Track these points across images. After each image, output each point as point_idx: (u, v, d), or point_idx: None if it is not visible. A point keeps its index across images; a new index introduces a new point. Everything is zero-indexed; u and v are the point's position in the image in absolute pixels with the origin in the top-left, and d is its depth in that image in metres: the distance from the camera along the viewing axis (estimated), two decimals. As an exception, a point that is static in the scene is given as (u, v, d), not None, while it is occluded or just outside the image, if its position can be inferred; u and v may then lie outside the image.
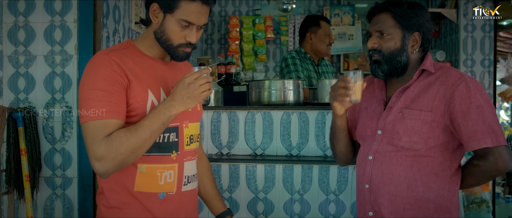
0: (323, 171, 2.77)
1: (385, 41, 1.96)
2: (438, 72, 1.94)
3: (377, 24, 1.97)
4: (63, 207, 2.75)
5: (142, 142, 1.65)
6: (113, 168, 1.64)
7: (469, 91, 1.84)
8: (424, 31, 1.96)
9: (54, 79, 2.73)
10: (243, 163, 2.79)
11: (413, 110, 1.91)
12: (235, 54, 6.16)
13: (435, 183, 1.90)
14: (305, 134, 2.87)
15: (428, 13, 1.99)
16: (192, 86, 1.68)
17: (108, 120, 1.63)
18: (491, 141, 1.80)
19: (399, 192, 1.92)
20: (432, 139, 1.88)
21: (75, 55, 2.72)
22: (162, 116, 1.68)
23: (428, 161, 1.91)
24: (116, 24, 3.04)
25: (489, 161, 1.82)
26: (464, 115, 1.83)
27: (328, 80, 3.09)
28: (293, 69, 3.68)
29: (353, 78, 1.91)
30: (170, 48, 1.77)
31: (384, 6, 1.97)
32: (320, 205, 2.78)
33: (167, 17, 1.74)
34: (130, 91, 1.70)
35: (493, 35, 5.26)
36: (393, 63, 1.96)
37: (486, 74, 5.26)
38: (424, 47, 1.99)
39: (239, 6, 6.41)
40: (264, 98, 3.02)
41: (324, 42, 3.83)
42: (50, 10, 2.73)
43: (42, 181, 2.77)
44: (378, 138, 1.99)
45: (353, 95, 1.92)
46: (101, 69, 1.67)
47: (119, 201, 1.76)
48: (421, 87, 1.94)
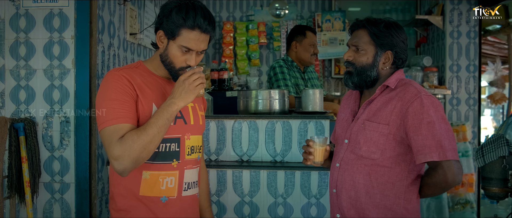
0: (305, 176, 2.91)
1: (359, 56, 2.10)
2: (399, 88, 2.06)
3: (354, 39, 2.12)
4: (61, 210, 2.88)
5: (151, 138, 1.83)
6: (130, 165, 1.82)
7: (423, 108, 1.94)
8: (397, 50, 2.08)
9: (53, 91, 2.86)
10: (230, 169, 2.95)
11: (373, 123, 2.03)
12: (229, 59, 6.27)
13: (391, 191, 2.02)
14: (288, 142, 3.03)
15: (404, 34, 2.11)
16: (187, 81, 1.88)
17: (121, 124, 1.83)
18: (438, 155, 1.91)
19: (359, 197, 2.05)
20: (388, 150, 2.01)
21: (72, 69, 2.86)
22: (165, 113, 1.86)
23: (384, 170, 2.02)
24: (111, 39, 3.18)
25: (439, 173, 1.93)
26: (415, 130, 1.94)
27: (311, 90, 3.23)
28: (281, 78, 3.81)
29: (315, 144, 2.13)
30: (173, 71, 1.97)
31: (363, 23, 2.12)
32: (302, 208, 2.92)
33: (170, 43, 1.94)
34: (138, 104, 1.90)
35: (478, 41, 5.40)
36: (363, 77, 2.09)
37: (471, 79, 5.41)
38: (397, 64, 2.11)
39: (233, 12, 6.53)
40: (251, 107, 3.17)
41: (309, 52, 3.92)
42: (49, 27, 2.85)
43: (42, 186, 2.88)
44: (345, 146, 2.14)
45: (314, 158, 2.15)
46: (114, 82, 1.88)
47: (127, 205, 1.96)
48: (382, 102, 2.06)
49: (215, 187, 2.97)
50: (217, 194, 2.97)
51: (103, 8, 3.04)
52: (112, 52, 3.20)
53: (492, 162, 3.19)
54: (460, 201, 5.23)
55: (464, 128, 5.21)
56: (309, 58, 3.94)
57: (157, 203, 1.97)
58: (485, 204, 5.85)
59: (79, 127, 2.88)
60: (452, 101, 5.42)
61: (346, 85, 2.16)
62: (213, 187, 2.97)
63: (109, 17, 3.13)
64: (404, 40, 2.11)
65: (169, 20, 1.91)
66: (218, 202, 2.97)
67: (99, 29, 2.96)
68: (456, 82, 5.41)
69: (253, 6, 6.50)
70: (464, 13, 5.38)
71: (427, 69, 5.57)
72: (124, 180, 1.95)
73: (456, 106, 5.42)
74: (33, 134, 2.82)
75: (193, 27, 1.90)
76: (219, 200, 2.97)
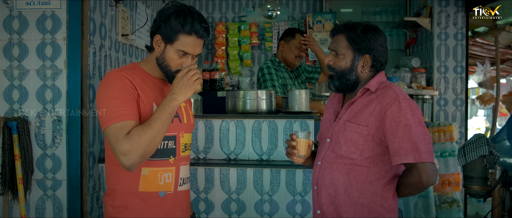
0: (290, 174, 3.00)
1: (338, 60, 2.16)
2: (379, 91, 2.10)
3: (334, 44, 2.18)
4: (53, 207, 2.96)
5: (157, 132, 1.93)
6: (138, 159, 1.91)
7: (400, 111, 1.99)
8: (375, 54, 2.13)
9: (45, 91, 2.94)
10: (217, 167, 3.04)
11: (353, 124, 2.09)
12: (221, 59, 6.34)
13: (369, 190, 2.08)
14: (274, 141, 3.12)
15: (382, 38, 2.15)
16: (185, 77, 1.99)
17: (126, 121, 1.91)
18: (413, 157, 1.97)
19: (338, 195, 2.12)
20: (367, 151, 2.07)
21: (64, 69, 2.93)
22: (167, 108, 1.97)
23: (363, 170, 2.08)
24: (102, 40, 3.25)
25: (414, 175, 2.00)
26: (392, 132, 2.00)
27: (297, 91, 3.32)
28: (269, 78, 3.88)
29: (298, 136, 2.18)
30: (169, 73, 2.08)
31: (341, 28, 2.18)
32: (288, 205, 3.01)
33: (168, 47, 2.05)
34: (139, 103, 1.99)
35: (465, 43, 5.50)
36: (343, 81, 2.16)
37: (459, 80, 5.51)
38: (376, 67, 2.16)
39: (225, 13, 6.60)
40: (239, 107, 3.25)
41: (293, 53, 3.96)
42: (41, 29, 2.92)
43: (34, 183, 2.95)
44: (327, 145, 2.21)
45: (298, 152, 2.19)
46: (115, 81, 1.96)
47: (125, 201, 2.04)
48: (363, 104, 2.11)
49: (203, 185, 3.05)
50: (205, 191, 3.05)
51: (95, 10, 3.11)
52: (103, 53, 3.28)
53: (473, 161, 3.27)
54: (447, 199, 5.32)
55: (451, 128, 5.30)
56: (293, 60, 3.99)
57: (155, 198, 2.07)
58: (471, 202, 5.94)
59: (71, 126, 2.95)
60: (440, 101, 5.51)
61: (329, 88, 2.23)
62: (201, 184, 3.05)
63: (100, 19, 3.21)
64: (383, 44, 2.16)
65: (167, 25, 2.01)
66: (206, 199, 3.05)
67: (91, 30, 3.04)
68: (443, 83, 5.51)
69: (245, 7, 6.57)
70: (452, 15, 5.47)
71: (415, 70, 5.66)
72: (123, 177, 2.04)
73: (443, 106, 5.51)
74: (26, 133, 2.89)
75: (190, 33, 2.00)
76: (207, 197, 3.05)
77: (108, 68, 3.35)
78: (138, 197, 2.05)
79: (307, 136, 2.20)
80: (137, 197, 2.05)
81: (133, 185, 2.05)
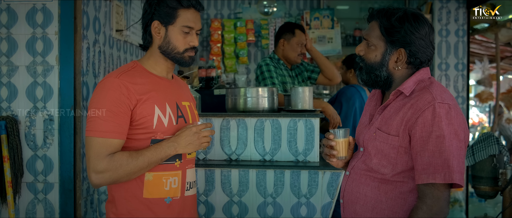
0: (295, 175, 2.87)
1: (369, 51, 1.85)
2: (415, 94, 1.77)
3: (367, 31, 1.86)
4: (45, 211, 2.82)
5: (138, 169, 1.86)
6: (107, 183, 1.86)
7: (434, 119, 1.68)
8: (413, 49, 1.77)
9: (36, 88, 2.80)
10: (218, 168, 2.91)
11: (383, 133, 1.80)
12: (217, 57, 6.23)
13: (402, 208, 1.78)
14: (277, 140, 2.98)
15: (424, 29, 1.78)
16: (197, 135, 1.94)
17: (111, 139, 1.83)
18: (443, 177, 1.66)
19: (364, 213, 1.83)
20: (400, 165, 1.77)
21: (56, 65, 2.79)
22: (162, 153, 1.90)
23: (396, 185, 1.79)
24: (96, 35, 3.11)
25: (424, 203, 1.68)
26: (423, 144, 1.69)
27: (301, 88, 3.20)
28: (268, 76, 3.77)
29: (336, 136, 1.90)
30: (177, 56, 1.99)
31: (374, 14, 1.85)
32: (292, 208, 2.88)
33: (169, 28, 1.97)
34: (138, 108, 1.89)
35: (466, 40, 5.41)
36: (372, 76, 1.85)
37: (460, 78, 5.41)
38: (414, 64, 1.81)
39: (221, 9, 6.49)
40: (239, 105, 3.13)
41: (296, 51, 3.85)
42: (32, 23, 2.78)
43: (24, 186, 2.81)
44: (359, 154, 1.93)
45: (338, 153, 1.91)
46: (110, 91, 1.86)
47: (129, 209, 1.94)
48: (395, 109, 1.80)
49: (203, 187, 2.92)
50: (205, 193, 2.92)
51: (88, 3, 2.97)
52: (98, 48, 3.14)
53: (482, 160, 3.18)
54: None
55: (453, 127, 5.20)
56: (295, 58, 3.88)
57: (160, 205, 1.96)
58: (473, 202, 5.86)
59: (63, 126, 2.83)
60: (441, 99, 5.41)
61: (358, 81, 2.00)
62: (201, 186, 2.92)
63: (94, 12, 3.07)
64: (425, 37, 1.78)
65: (162, 6, 1.95)
66: (206, 202, 2.92)
67: (84, 25, 2.90)
68: (444, 80, 5.41)
69: (241, 3, 6.47)
70: (453, 12, 5.38)
71: (416, 67, 5.56)
72: (126, 182, 1.93)
73: (444, 104, 5.41)
74: (15, 133, 2.77)
75: (189, 6, 1.97)
76: (207, 199, 2.92)
77: (103, 65, 3.22)
78: (143, 204, 1.94)
79: (346, 135, 1.92)
80: (142, 204, 1.94)
81: (137, 191, 1.94)
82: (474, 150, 3.24)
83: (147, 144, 1.93)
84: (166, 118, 1.95)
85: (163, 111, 1.95)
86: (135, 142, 1.92)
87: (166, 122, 1.95)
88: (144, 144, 1.92)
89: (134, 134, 1.92)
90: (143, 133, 1.92)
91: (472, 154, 3.24)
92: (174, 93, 2.05)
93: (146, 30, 2.01)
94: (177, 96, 2.06)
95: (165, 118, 1.95)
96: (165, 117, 1.95)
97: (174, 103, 2.02)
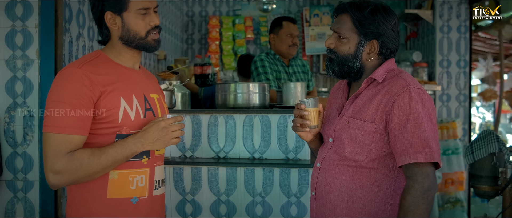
0: (284, 174, 2.77)
1: (340, 44, 1.86)
2: (387, 81, 1.83)
3: (337, 24, 1.87)
4: (24, 210, 2.71)
5: (101, 169, 1.71)
6: (67, 184, 1.70)
7: (410, 102, 1.73)
8: (385, 40, 1.83)
9: (15, 83, 2.69)
10: (205, 166, 2.80)
11: (357, 120, 1.82)
12: (215, 54, 6.15)
13: (377, 196, 1.81)
14: (267, 137, 2.88)
15: (393, 21, 1.85)
16: (166, 130, 1.78)
17: (71, 135, 1.68)
18: (424, 156, 1.70)
19: (340, 202, 1.84)
20: (374, 151, 1.80)
21: (36, 60, 2.69)
22: (128, 151, 1.75)
23: (370, 172, 1.81)
24: (80, 29, 3.01)
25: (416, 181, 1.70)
26: (401, 126, 1.73)
27: (293, 83, 3.11)
28: (262, 72, 3.67)
29: (307, 105, 1.89)
30: (141, 41, 1.85)
31: (346, 7, 1.86)
32: (282, 207, 2.78)
33: (125, 16, 1.82)
34: (102, 101, 1.74)
35: (469, 37, 5.28)
36: (345, 68, 1.87)
37: (462, 75, 5.29)
38: (385, 55, 1.87)
39: (219, 6, 6.40)
40: (230, 101, 3.03)
41: (286, 43, 3.74)
42: (11, 15, 2.67)
43: (3, 184, 2.70)
44: (328, 145, 1.93)
45: (310, 123, 1.90)
46: (70, 83, 1.71)
47: (91, 211, 1.78)
48: (368, 96, 1.84)
49: (189, 185, 2.82)
50: (191, 192, 2.82)
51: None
52: (82, 43, 3.03)
53: (482, 159, 3.07)
54: (450, 199, 5.13)
55: (454, 125, 5.10)
56: (287, 49, 3.76)
57: (126, 206, 1.80)
58: (475, 202, 5.73)
59: (44, 122, 2.71)
60: (442, 97, 5.30)
61: (327, 73, 1.94)
62: (188, 185, 2.82)
63: (78, 5, 2.96)
64: (394, 27, 1.85)
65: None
66: (193, 201, 2.82)
67: (66, 18, 2.79)
68: (446, 77, 5.29)
69: (240, 0, 6.37)
70: (455, 8, 5.26)
71: (416, 64, 5.46)
72: (88, 182, 1.77)
73: (446, 102, 5.30)
74: (-6, 129, 2.65)
75: None
76: (194, 199, 2.82)
77: (88, 60, 3.10)
78: (107, 205, 1.78)
79: (316, 104, 1.91)
80: (105, 205, 1.78)
81: (100, 191, 1.78)
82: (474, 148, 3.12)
83: (112, 139, 1.78)
84: (133, 111, 1.80)
85: (129, 103, 1.80)
86: (98, 138, 1.77)
87: (133, 116, 1.80)
88: (108, 139, 1.78)
89: (98, 129, 1.77)
90: (108, 128, 1.77)
91: (471, 152, 3.12)
92: (141, 84, 1.90)
93: (100, 24, 1.87)
94: (145, 88, 1.91)
95: (131, 111, 1.80)
96: (132, 110, 1.80)
97: (142, 95, 1.87)
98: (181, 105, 3.12)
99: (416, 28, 5.96)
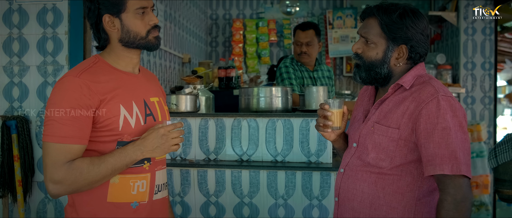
0: (306, 177, 2.81)
1: (368, 49, 1.81)
2: (416, 87, 1.76)
3: (364, 29, 1.82)
4: (55, 210, 2.80)
5: (101, 177, 1.69)
6: (67, 193, 1.68)
7: (439, 110, 1.67)
8: (414, 44, 1.77)
9: (46, 88, 2.79)
10: (228, 168, 2.86)
11: (382, 126, 1.77)
12: (238, 57, 6.21)
13: (400, 203, 1.76)
14: (289, 141, 2.92)
15: (423, 24, 1.78)
16: (165, 138, 1.75)
17: (71, 145, 1.65)
18: (450, 168, 1.63)
19: (362, 209, 1.80)
20: (398, 158, 1.75)
21: (66, 65, 2.78)
22: (127, 159, 1.72)
23: (393, 179, 1.77)
24: (107, 35, 3.12)
25: (448, 193, 1.64)
26: (427, 136, 1.67)
27: (315, 87, 3.13)
28: (286, 77, 3.73)
29: (331, 106, 1.87)
30: (142, 41, 1.82)
31: (373, 11, 1.79)
32: (304, 209, 2.82)
33: (123, 17, 1.78)
34: (101, 109, 1.72)
35: (494, 38, 5.23)
36: (372, 74, 1.82)
37: (487, 77, 5.24)
38: (414, 59, 1.80)
39: (243, 9, 6.46)
40: (253, 105, 3.07)
41: (295, 51, 3.86)
42: (42, 23, 2.78)
43: (35, 185, 2.80)
44: (352, 150, 1.89)
45: (332, 124, 1.88)
46: (69, 91, 1.68)
47: (91, 213, 1.77)
48: (395, 102, 1.79)
49: (213, 188, 2.88)
50: (215, 194, 2.88)
51: (100, 3, 2.96)
52: (109, 48, 3.12)
53: (506, 163, 3.06)
54: (475, 203, 5.09)
55: (479, 128, 5.05)
56: (297, 58, 3.86)
57: (126, 210, 1.80)
58: (501, 206, 5.66)
59: (74, 125, 2.80)
60: (467, 100, 5.26)
61: (354, 79, 1.90)
62: (212, 187, 2.88)
63: (105, 12, 3.05)
64: (423, 31, 1.78)
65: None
66: (217, 203, 2.88)
67: (94, 24, 2.88)
68: (470, 80, 5.25)
69: (263, 3, 6.43)
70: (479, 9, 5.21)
71: (440, 67, 5.43)
72: None
73: (470, 105, 5.26)
74: (26, 132, 2.76)
75: None
76: (217, 201, 2.88)
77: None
78: (106, 208, 1.77)
79: (340, 105, 1.88)
80: (105, 208, 1.77)
81: (101, 194, 1.77)
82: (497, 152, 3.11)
83: (113, 147, 1.76)
84: (133, 119, 1.78)
85: (129, 111, 1.78)
86: (99, 145, 1.75)
87: (133, 123, 1.78)
88: (109, 147, 1.76)
89: (99, 137, 1.74)
90: (108, 136, 1.74)
91: (495, 156, 3.12)
92: (141, 89, 1.88)
93: (97, 28, 1.82)
94: (145, 92, 1.89)
95: (132, 118, 1.78)
96: (132, 118, 1.78)
97: (142, 101, 1.85)
98: (205, 109, 3.18)
99: (440, 30, 5.93)
